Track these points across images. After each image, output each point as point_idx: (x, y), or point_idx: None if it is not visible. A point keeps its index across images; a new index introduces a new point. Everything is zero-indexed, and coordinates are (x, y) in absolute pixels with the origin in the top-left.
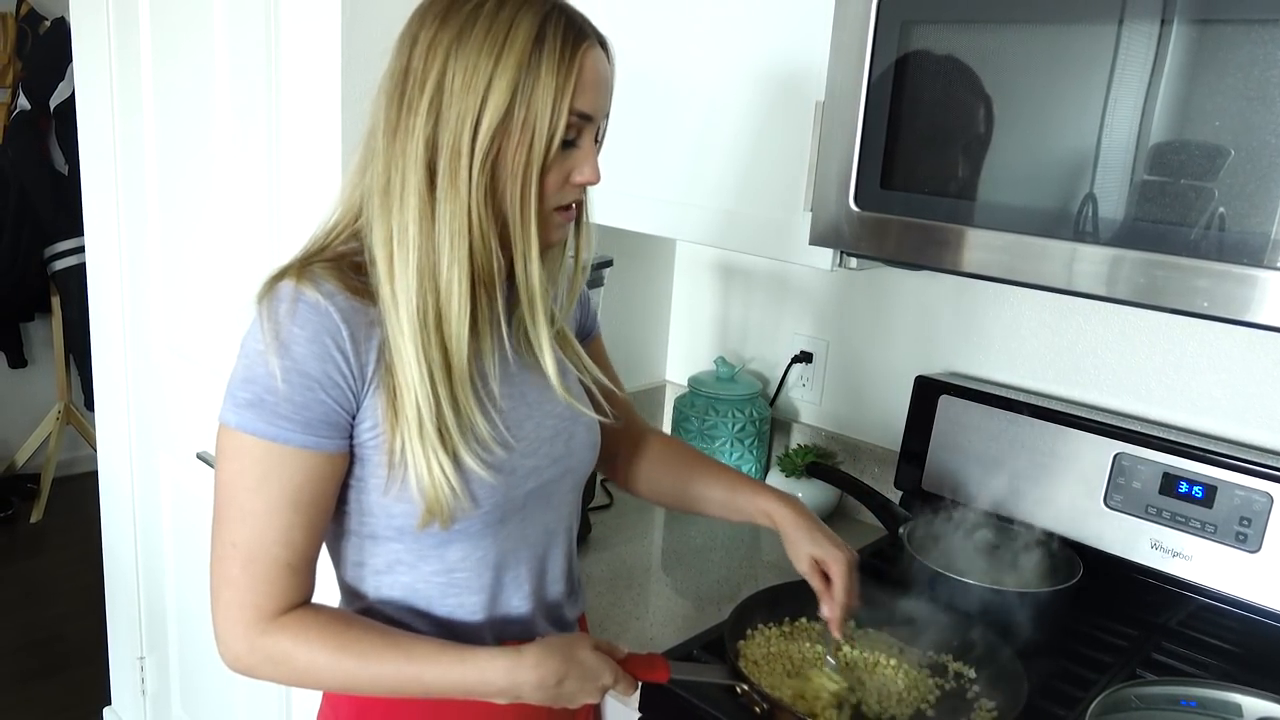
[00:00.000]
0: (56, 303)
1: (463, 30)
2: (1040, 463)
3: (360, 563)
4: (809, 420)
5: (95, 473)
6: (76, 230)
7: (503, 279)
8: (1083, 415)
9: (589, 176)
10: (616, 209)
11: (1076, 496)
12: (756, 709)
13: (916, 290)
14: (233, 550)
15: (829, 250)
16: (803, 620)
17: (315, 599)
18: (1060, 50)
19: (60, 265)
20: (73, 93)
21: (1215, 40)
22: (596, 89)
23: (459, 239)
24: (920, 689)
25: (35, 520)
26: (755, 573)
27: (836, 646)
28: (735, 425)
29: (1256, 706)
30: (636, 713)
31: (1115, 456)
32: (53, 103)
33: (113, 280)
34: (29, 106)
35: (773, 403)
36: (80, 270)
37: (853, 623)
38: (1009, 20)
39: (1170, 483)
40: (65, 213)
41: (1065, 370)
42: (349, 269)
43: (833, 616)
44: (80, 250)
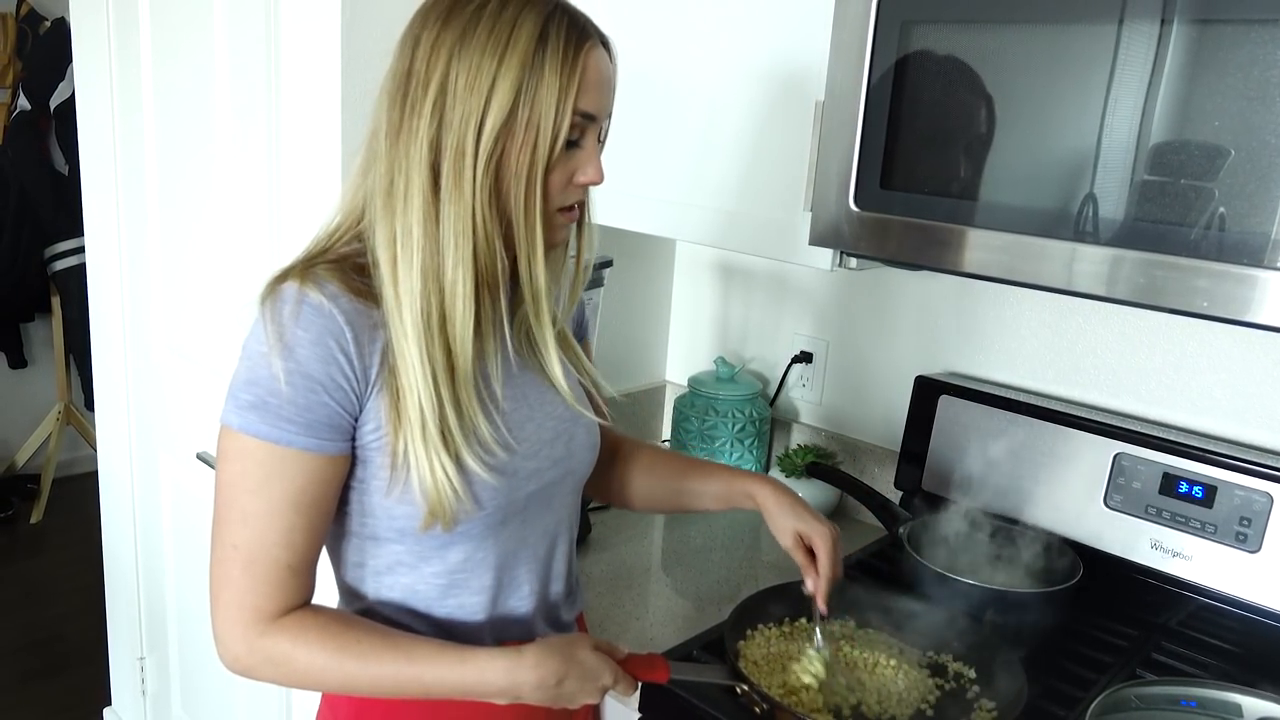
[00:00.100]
0: (57, 303)
1: (465, 31)
2: (1040, 463)
3: (360, 563)
4: (809, 420)
5: (95, 473)
6: (76, 230)
7: (506, 280)
8: (1083, 415)
9: (592, 176)
10: (617, 209)
11: (1076, 496)
12: (756, 709)
13: (917, 290)
14: (233, 552)
15: (829, 250)
16: (802, 620)
17: (314, 600)
18: (1060, 50)
19: (60, 265)
20: (73, 93)
21: (1215, 40)
22: (599, 88)
23: (463, 240)
24: (920, 689)
25: (35, 520)
26: (755, 573)
27: (822, 618)
28: (735, 425)
29: (1256, 706)
30: (636, 713)
31: (1115, 456)
32: (53, 103)
33: (113, 280)
34: (29, 107)
35: (773, 403)
36: (80, 270)
37: (853, 623)
38: (1009, 20)
39: (1170, 483)
40: (65, 213)
41: (1065, 370)
42: (352, 270)
43: (818, 589)
44: (80, 250)
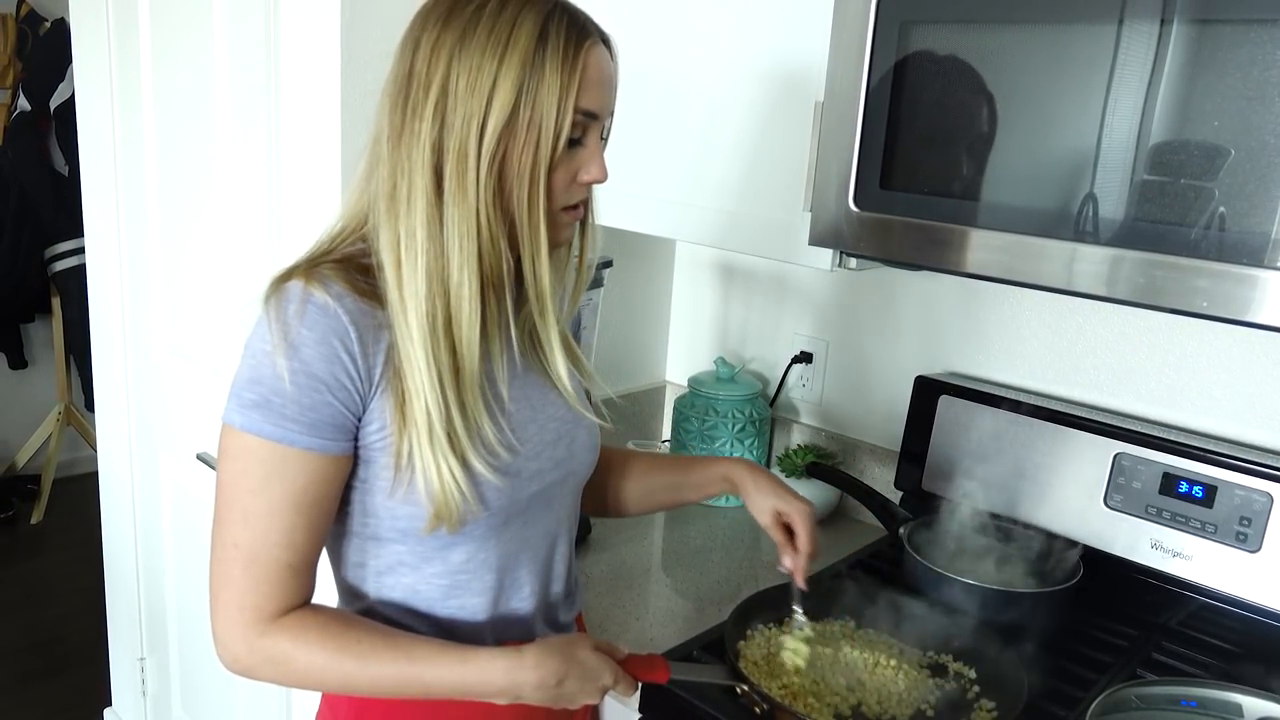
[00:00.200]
0: (57, 304)
1: (465, 32)
2: (1040, 463)
3: (361, 564)
4: (809, 420)
5: (95, 473)
6: (76, 231)
7: (512, 280)
8: (1083, 415)
9: (596, 175)
10: (617, 209)
11: (1076, 496)
12: (756, 709)
13: (917, 290)
14: (234, 551)
15: (829, 250)
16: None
17: (314, 600)
18: (1060, 50)
19: (60, 266)
20: (73, 93)
21: (1215, 40)
22: (601, 86)
23: (468, 241)
24: (920, 689)
25: (36, 521)
26: (755, 573)
27: (802, 595)
28: (735, 425)
29: (1256, 706)
30: (636, 713)
31: (1115, 456)
32: (53, 103)
33: (113, 281)
34: (29, 107)
35: (773, 403)
36: (80, 271)
37: (853, 623)
38: (1008, 20)
39: (1170, 483)
40: (65, 213)
41: (1065, 370)
42: (356, 271)
43: (797, 566)
44: (80, 251)
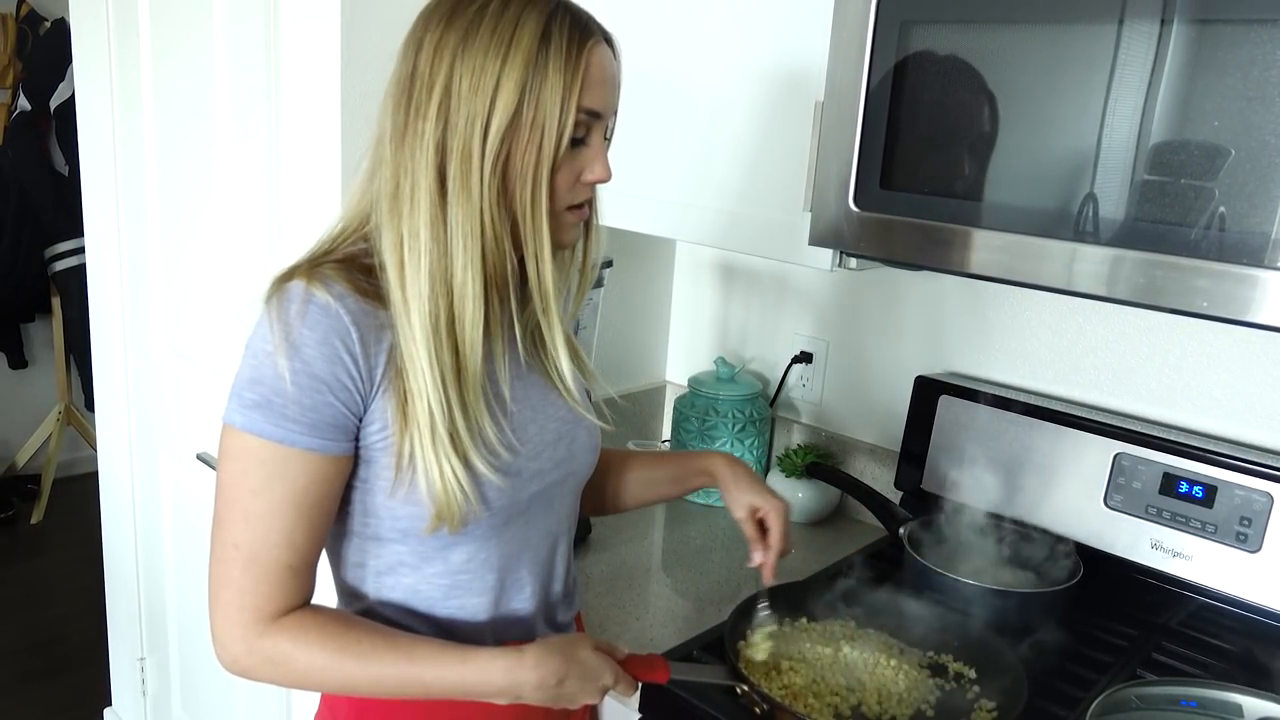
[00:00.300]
0: (57, 303)
1: (468, 32)
2: (1040, 463)
3: (361, 564)
4: (809, 420)
5: (95, 473)
6: (77, 231)
7: (515, 280)
8: (1083, 415)
9: (600, 174)
10: (618, 209)
11: (1076, 496)
12: (756, 709)
13: (916, 290)
14: (234, 551)
15: (829, 251)
16: (803, 620)
17: (314, 600)
18: (1060, 50)
19: (60, 266)
20: (73, 93)
21: (1215, 40)
22: (604, 86)
23: (471, 242)
24: (920, 689)
25: (36, 521)
26: (755, 573)
27: (770, 592)
28: (735, 425)
29: (1256, 706)
30: (636, 713)
31: (1115, 456)
32: (53, 103)
33: (113, 281)
34: (29, 107)
35: (773, 403)
36: (80, 271)
37: (853, 623)
38: (1009, 20)
39: (1170, 483)
40: (65, 213)
41: (1065, 370)
42: (358, 271)
43: (767, 562)
44: (80, 251)
